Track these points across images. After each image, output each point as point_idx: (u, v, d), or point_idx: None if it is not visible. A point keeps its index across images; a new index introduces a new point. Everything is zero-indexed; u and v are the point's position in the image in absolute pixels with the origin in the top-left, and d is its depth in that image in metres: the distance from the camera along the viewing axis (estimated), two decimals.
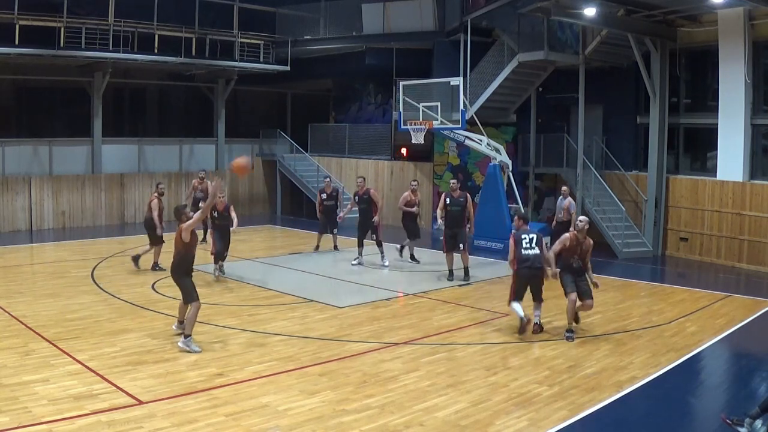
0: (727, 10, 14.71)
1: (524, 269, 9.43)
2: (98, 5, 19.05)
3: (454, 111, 16.56)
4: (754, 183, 15.09)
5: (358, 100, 24.61)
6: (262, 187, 24.95)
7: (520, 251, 9.41)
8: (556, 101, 19.68)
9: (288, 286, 12.34)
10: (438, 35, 20.92)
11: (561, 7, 15.21)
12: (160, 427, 6.08)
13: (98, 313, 10.04)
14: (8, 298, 10.85)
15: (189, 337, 8.35)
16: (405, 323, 10.01)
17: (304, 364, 8.02)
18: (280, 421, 6.35)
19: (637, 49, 15.93)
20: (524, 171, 19.96)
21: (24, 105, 21.66)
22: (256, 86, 25.03)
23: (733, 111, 15.14)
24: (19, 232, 18.73)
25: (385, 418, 6.48)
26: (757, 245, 14.87)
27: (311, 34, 22.99)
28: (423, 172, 20.93)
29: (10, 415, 6.19)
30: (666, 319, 10.50)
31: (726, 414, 6.41)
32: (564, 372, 7.91)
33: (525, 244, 9.45)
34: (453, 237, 12.65)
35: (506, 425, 6.38)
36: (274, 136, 24.58)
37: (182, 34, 20.26)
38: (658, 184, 16.56)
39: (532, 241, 9.44)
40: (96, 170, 20.66)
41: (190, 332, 8.37)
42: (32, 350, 8.16)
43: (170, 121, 25.10)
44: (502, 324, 10.10)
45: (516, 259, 9.44)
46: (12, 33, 17.29)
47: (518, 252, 9.41)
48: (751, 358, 9.11)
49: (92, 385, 7.01)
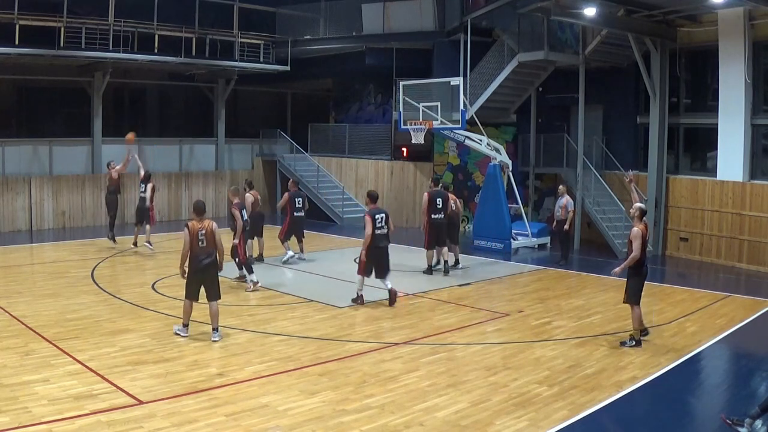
0: (727, 10, 14.72)
1: (377, 246, 10.70)
2: (98, 5, 19.04)
3: (454, 111, 16.54)
4: (754, 183, 15.09)
5: (358, 100, 24.61)
6: (262, 187, 24.91)
7: (374, 230, 10.64)
8: (556, 101, 19.69)
9: (288, 286, 12.35)
10: (438, 35, 20.92)
11: (561, 7, 15.21)
12: (160, 427, 6.08)
13: (98, 313, 10.04)
14: (8, 298, 10.85)
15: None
16: (405, 323, 10.01)
17: (304, 364, 8.02)
18: (280, 421, 6.35)
19: (637, 49, 15.92)
20: (524, 171, 19.96)
21: (24, 105, 21.67)
22: (256, 86, 25.04)
23: (733, 111, 15.14)
24: (19, 232, 18.73)
25: (385, 418, 6.48)
26: (757, 245, 14.87)
27: (311, 34, 23.00)
28: (423, 172, 20.93)
29: (10, 415, 6.19)
30: (666, 319, 10.50)
31: (726, 414, 6.41)
32: (564, 372, 7.91)
33: (378, 224, 10.70)
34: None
35: (506, 425, 6.38)
36: (274, 136, 24.58)
37: (182, 34, 20.26)
38: (658, 184, 16.56)
39: (383, 220, 10.82)
40: (96, 170, 20.64)
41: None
42: (32, 350, 8.16)
43: (170, 121, 25.10)
44: (502, 324, 10.10)
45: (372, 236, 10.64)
46: (12, 33, 17.28)
47: (373, 230, 10.63)
48: (751, 358, 9.11)
49: (92, 385, 7.02)
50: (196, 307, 10.52)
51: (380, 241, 10.84)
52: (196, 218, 8.90)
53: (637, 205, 9.25)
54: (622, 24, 15.65)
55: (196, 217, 8.93)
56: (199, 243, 8.75)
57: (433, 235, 13.58)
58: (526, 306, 11.23)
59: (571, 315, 10.66)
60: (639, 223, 8.99)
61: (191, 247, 8.73)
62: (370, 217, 10.73)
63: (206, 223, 8.85)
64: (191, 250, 8.74)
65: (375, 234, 10.71)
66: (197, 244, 8.74)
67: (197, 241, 8.74)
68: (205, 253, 8.77)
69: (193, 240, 8.71)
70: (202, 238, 8.74)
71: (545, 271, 14.66)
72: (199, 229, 8.75)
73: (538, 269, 14.90)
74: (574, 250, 16.88)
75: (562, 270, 14.62)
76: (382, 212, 11.03)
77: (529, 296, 12.07)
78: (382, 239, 10.88)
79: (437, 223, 13.50)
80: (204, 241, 8.76)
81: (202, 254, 8.77)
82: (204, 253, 8.77)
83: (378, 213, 10.91)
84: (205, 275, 8.86)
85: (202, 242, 8.75)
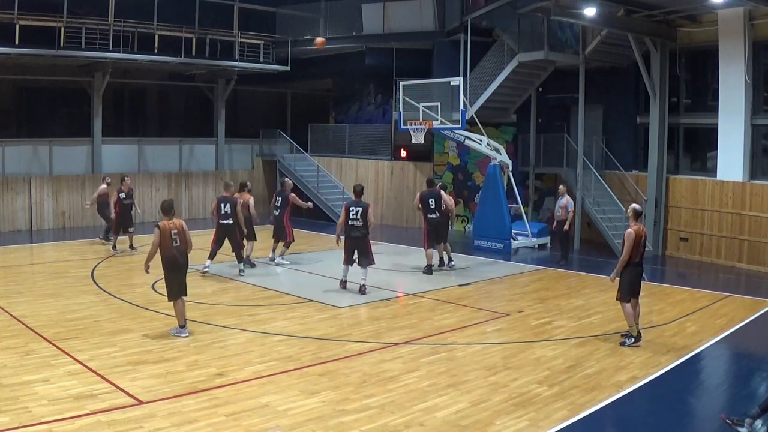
0: (727, 10, 14.72)
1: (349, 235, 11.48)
2: (98, 5, 19.04)
3: (454, 111, 16.55)
4: (754, 183, 15.09)
5: (358, 100, 24.61)
6: (262, 187, 24.94)
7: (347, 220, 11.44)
8: (556, 101, 19.68)
9: (288, 286, 12.35)
10: (438, 35, 20.92)
11: (561, 7, 15.21)
12: (160, 427, 6.08)
13: (98, 313, 10.04)
14: (8, 298, 10.85)
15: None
16: (405, 323, 10.01)
17: (304, 364, 8.02)
18: (280, 421, 6.35)
19: (637, 49, 15.92)
20: (524, 171, 19.95)
21: (24, 105, 21.68)
22: (256, 86, 25.05)
23: (733, 111, 15.14)
24: (19, 232, 18.73)
25: (385, 418, 6.48)
26: (757, 245, 14.87)
27: (311, 34, 22.97)
28: (423, 172, 20.93)
29: (10, 415, 6.19)
30: (666, 319, 10.50)
31: (726, 414, 6.41)
32: (564, 372, 7.91)
33: (352, 215, 11.44)
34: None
35: (506, 425, 6.38)
36: (274, 136, 24.59)
37: (182, 34, 20.26)
38: (658, 184, 16.56)
39: (358, 213, 11.42)
40: (96, 170, 20.65)
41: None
42: (32, 350, 8.16)
43: (170, 121, 25.12)
44: (502, 324, 10.10)
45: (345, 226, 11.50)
46: (12, 33, 17.29)
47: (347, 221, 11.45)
48: (751, 358, 9.10)
49: (92, 385, 7.01)
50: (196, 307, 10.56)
51: (352, 231, 11.53)
52: (166, 218, 8.92)
53: (631, 206, 9.26)
54: (622, 24, 15.65)
55: (165, 216, 8.95)
56: (173, 242, 8.77)
57: (432, 234, 13.75)
58: (526, 306, 11.23)
59: (571, 315, 10.66)
60: (634, 223, 8.99)
61: (166, 247, 8.75)
62: (345, 208, 11.66)
63: (177, 221, 8.93)
64: (167, 250, 8.76)
65: (348, 224, 11.52)
66: (171, 243, 8.76)
67: (171, 240, 8.76)
68: (180, 251, 8.84)
69: (167, 240, 8.73)
70: (175, 237, 8.79)
71: (545, 271, 14.66)
72: (171, 229, 8.79)
73: (538, 269, 14.90)
74: (574, 250, 16.89)
75: (562, 270, 14.62)
76: (360, 206, 11.57)
77: (529, 296, 12.07)
78: (354, 230, 11.52)
79: (434, 222, 13.71)
80: (177, 239, 8.80)
81: (177, 253, 8.82)
82: (179, 252, 8.84)
83: (355, 206, 11.57)
84: (184, 273, 9.00)
85: (176, 241, 8.79)
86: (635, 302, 9.07)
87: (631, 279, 8.93)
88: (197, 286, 12.21)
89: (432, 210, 13.65)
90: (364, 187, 12.31)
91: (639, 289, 9.09)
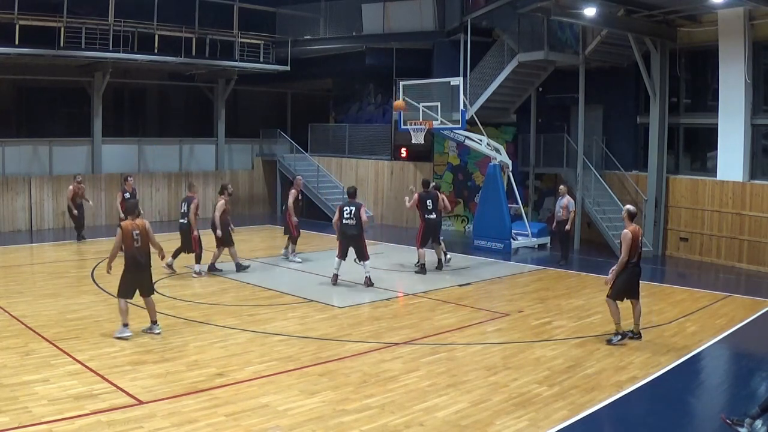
0: (727, 10, 14.71)
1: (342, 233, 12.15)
2: (98, 5, 19.05)
3: (454, 111, 16.55)
4: (754, 183, 15.08)
5: (358, 100, 24.60)
6: (262, 187, 24.96)
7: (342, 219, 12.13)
8: (556, 101, 19.68)
9: (288, 286, 12.35)
10: (438, 35, 20.92)
11: (561, 7, 15.21)
12: (160, 427, 6.08)
13: (98, 313, 10.04)
14: (8, 298, 10.86)
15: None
16: (405, 323, 10.01)
17: (304, 364, 8.02)
18: (280, 421, 6.34)
19: (637, 49, 15.92)
20: (524, 171, 19.95)
21: (24, 105, 21.67)
22: (256, 86, 25.05)
23: (733, 111, 15.14)
24: (19, 232, 18.74)
25: (385, 418, 6.48)
26: (757, 245, 14.87)
27: (311, 34, 23.00)
28: (423, 172, 20.92)
29: (10, 415, 6.19)
30: (666, 319, 10.50)
31: (726, 414, 6.41)
32: (564, 372, 7.91)
33: (346, 215, 12.10)
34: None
35: (506, 425, 6.38)
36: (274, 136, 24.59)
37: (182, 34, 20.27)
38: (658, 184, 16.55)
39: (351, 212, 12.09)
40: (96, 170, 20.67)
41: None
42: (32, 350, 8.16)
43: (170, 121, 25.12)
44: (502, 324, 10.10)
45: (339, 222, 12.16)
46: (12, 33, 17.29)
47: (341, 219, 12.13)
48: (751, 358, 9.10)
49: (92, 385, 7.01)
50: (196, 307, 10.57)
51: (347, 230, 12.18)
52: (130, 218, 8.96)
53: (625, 207, 9.29)
54: (622, 24, 15.65)
55: (129, 216, 8.99)
56: (134, 243, 8.76)
57: (428, 234, 13.97)
58: (526, 306, 11.23)
59: (571, 315, 10.66)
60: (629, 224, 8.99)
61: (128, 246, 8.76)
62: (339, 208, 12.37)
63: (140, 222, 8.92)
64: (128, 250, 8.77)
65: (342, 223, 12.19)
66: (132, 243, 8.76)
67: (132, 240, 8.76)
68: (141, 252, 8.83)
69: (129, 240, 8.74)
70: (137, 238, 8.78)
71: (545, 271, 14.66)
72: (133, 229, 8.78)
73: (538, 269, 14.90)
74: (574, 250, 16.88)
75: (562, 270, 14.62)
76: (354, 205, 12.23)
77: (529, 296, 12.07)
78: (350, 228, 12.16)
79: (432, 223, 13.92)
80: (139, 240, 8.79)
81: (138, 253, 8.81)
82: (140, 252, 8.82)
83: (348, 206, 12.24)
84: (143, 274, 8.94)
85: (137, 242, 8.78)
86: (635, 302, 9.08)
87: (626, 279, 8.94)
88: (197, 286, 12.23)
89: (430, 210, 13.83)
90: (357, 189, 13.00)
91: (638, 289, 9.10)
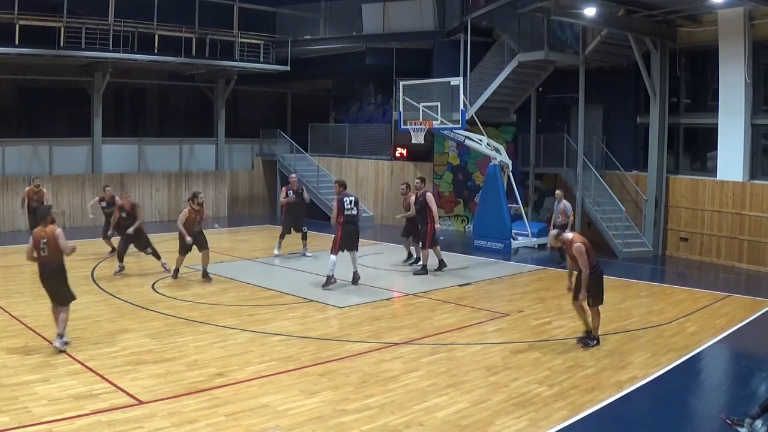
0: (727, 10, 14.71)
1: (348, 225, 11.90)
2: (98, 5, 19.05)
3: (454, 111, 16.53)
4: (754, 183, 15.08)
5: (358, 100, 24.61)
6: (262, 187, 24.96)
7: (343, 212, 11.91)
8: (556, 101, 19.68)
9: (288, 286, 12.35)
10: (438, 35, 20.92)
11: (561, 7, 15.21)
12: (160, 427, 6.08)
13: (98, 313, 10.04)
14: (8, 298, 10.86)
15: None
16: (405, 323, 10.01)
17: (304, 364, 8.02)
18: (280, 421, 6.34)
19: (637, 49, 15.92)
20: (524, 171, 19.95)
21: (24, 105, 21.66)
22: (256, 86, 25.04)
23: (733, 111, 15.14)
24: (19, 232, 18.71)
25: (385, 418, 6.48)
26: (757, 245, 14.87)
27: (311, 34, 23.00)
28: (423, 172, 20.91)
29: (10, 415, 6.19)
30: (666, 319, 10.50)
31: (726, 414, 6.41)
32: (564, 372, 7.91)
33: (347, 206, 11.95)
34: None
35: (506, 425, 6.38)
36: (274, 136, 24.59)
37: (182, 34, 20.27)
38: (658, 184, 16.56)
39: (352, 203, 12.06)
40: (96, 170, 20.67)
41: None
42: (32, 350, 8.16)
43: (170, 121, 25.11)
44: (502, 324, 10.10)
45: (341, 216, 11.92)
46: (12, 33, 17.29)
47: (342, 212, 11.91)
48: (751, 358, 9.10)
49: (92, 385, 7.01)
50: (196, 307, 10.57)
51: (352, 220, 12.10)
52: (41, 225, 8.32)
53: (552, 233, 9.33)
54: (622, 24, 15.65)
55: (40, 224, 8.36)
56: (41, 252, 8.20)
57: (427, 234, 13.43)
58: (526, 306, 11.23)
59: (571, 315, 10.60)
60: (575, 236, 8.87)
61: (37, 255, 8.26)
62: (338, 201, 12.07)
63: (49, 229, 8.24)
64: (38, 259, 8.28)
65: (345, 215, 11.98)
66: (39, 253, 8.22)
67: (39, 249, 8.20)
68: (46, 261, 8.26)
69: (36, 249, 8.24)
70: (43, 247, 8.17)
71: (545, 271, 14.66)
72: (42, 238, 8.17)
73: (538, 269, 14.90)
74: None
75: (562, 270, 14.55)
76: (351, 196, 12.26)
77: (529, 296, 12.07)
78: (354, 218, 12.13)
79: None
80: (45, 249, 8.19)
81: (43, 261, 8.26)
82: (46, 261, 8.26)
83: (346, 197, 12.14)
84: (52, 283, 8.34)
85: (44, 251, 8.19)
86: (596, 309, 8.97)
87: (597, 282, 8.84)
88: (197, 286, 12.22)
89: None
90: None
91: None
